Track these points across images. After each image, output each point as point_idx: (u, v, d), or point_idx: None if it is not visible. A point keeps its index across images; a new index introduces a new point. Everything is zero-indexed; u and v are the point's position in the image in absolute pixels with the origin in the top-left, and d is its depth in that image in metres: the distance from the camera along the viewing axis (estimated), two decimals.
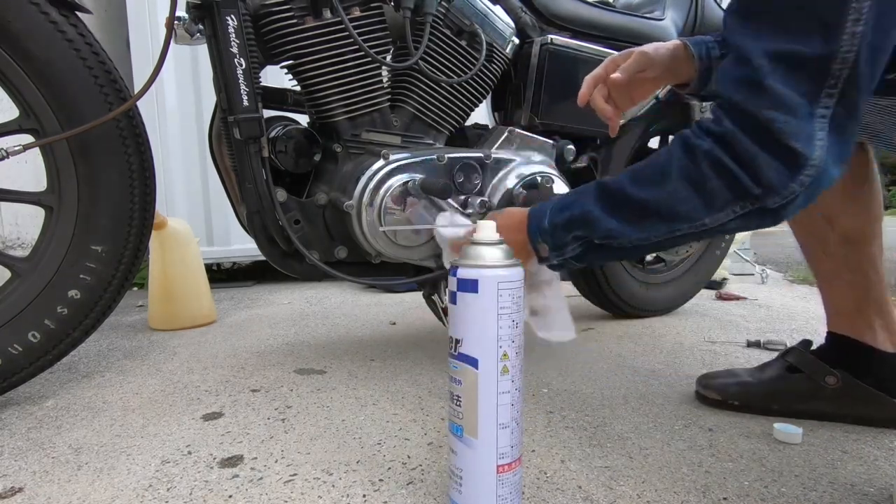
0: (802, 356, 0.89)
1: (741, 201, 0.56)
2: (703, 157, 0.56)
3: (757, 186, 0.54)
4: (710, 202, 0.57)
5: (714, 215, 0.58)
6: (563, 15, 1.21)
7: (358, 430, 0.84)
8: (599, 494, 0.66)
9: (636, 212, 0.61)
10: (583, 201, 0.65)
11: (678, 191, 0.58)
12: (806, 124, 0.51)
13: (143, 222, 1.01)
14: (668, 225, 0.60)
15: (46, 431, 0.86)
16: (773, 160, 0.53)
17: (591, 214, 0.64)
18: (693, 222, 0.59)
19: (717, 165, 0.55)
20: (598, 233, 0.64)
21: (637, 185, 0.61)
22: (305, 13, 0.95)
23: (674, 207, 0.59)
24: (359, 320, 1.66)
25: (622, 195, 0.62)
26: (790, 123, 0.51)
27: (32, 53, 0.88)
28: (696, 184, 0.57)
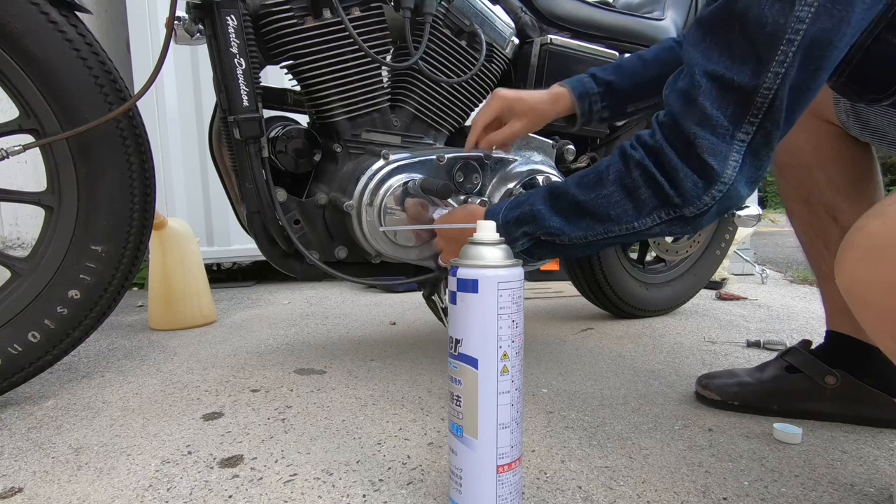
0: (802, 356, 0.89)
1: (665, 208, 0.62)
2: (636, 166, 0.62)
3: (677, 196, 0.61)
4: (639, 208, 0.63)
5: (642, 220, 0.64)
6: (562, 15, 1.21)
7: (358, 430, 0.84)
8: (599, 494, 0.66)
9: (575, 211, 0.68)
10: (533, 200, 0.71)
11: (612, 194, 0.64)
12: (724, 145, 0.57)
13: (143, 222, 1.01)
14: (602, 226, 0.66)
15: (46, 431, 0.86)
16: (692, 173, 0.59)
17: (539, 212, 0.70)
18: (623, 225, 0.65)
19: (646, 175, 0.62)
20: (542, 229, 0.70)
21: (579, 187, 0.68)
22: (305, 13, 0.95)
23: (607, 210, 0.65)
24: (359, 320, 1.66)
25: (565, 195, 0.69)
26: (710, 141, 0.57)
27: (32, 53, 0.88)
28: (628, 190, 0.63)
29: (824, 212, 0.87)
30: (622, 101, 0.95)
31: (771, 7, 0.54)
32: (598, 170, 0.66)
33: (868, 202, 0.85)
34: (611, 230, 0.66)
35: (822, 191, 0.86)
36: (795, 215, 0.92)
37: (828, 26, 0.53)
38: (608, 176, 0.65)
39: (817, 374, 0.86)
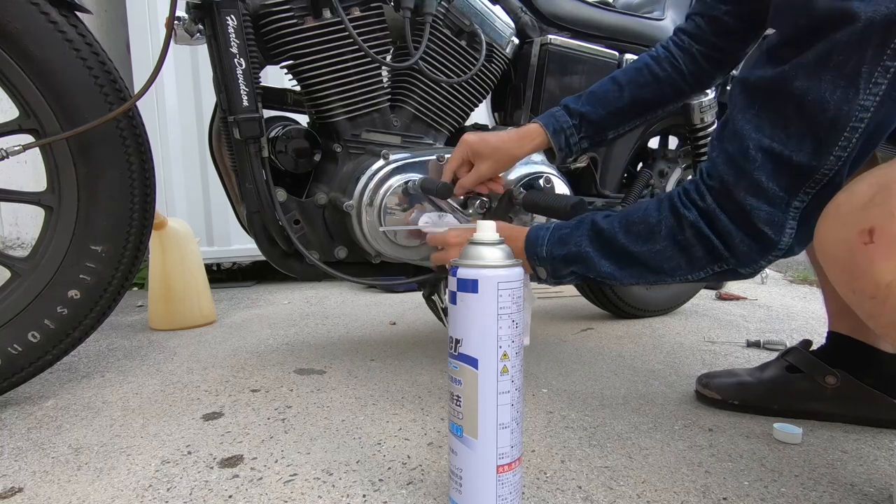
0: (802, 356, 0.89)
1: (718, 263, 0.63)
2: (689, 226, 0.63)
3: (732, 258, 0.62)
4: (692, 263, 0.65)
5: (695, 273, 0.66)
6: (562, 15, 1.21)
7: (358, 430, 0.84)
8: (599, 494, 0.66)
9: (627, 260, 0.68)
10: (579, 240, 0.71)
11: (665, 250, 0.65)
12: (781, 215, 0.58)
13: (143, 222, 1.01)
14: (655, 276, 0.68)
15: (46, 431, 0.86)
16: (747, 238, 0.60)
17: (588, 255, 0.70)
18: (676, 276, 0.67)
19: (700, 235, 0.63)
20: (592, 272, 0.71)
21: (629, 236, 0.68)
22: (305, 13, 0.95)
23: (661, 264, 0.66)
24: (359, 320, 1.66)
25: (615, 243, 0.69)
26: (766, 211, 0.58)
27: (32, 53, 0.88)
28: (682, 247, 0.64)
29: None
30: (600, 130, 0.93)
31: (832, 93, 0.53)
32: (648, 222, 0.66)
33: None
34: (663, 279, 0.68)
35: None
36: None
37: (892, 111, 0.53)
38: (660, 231, 0.65)
39: (818, 374, 0.86)
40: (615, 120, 0.93)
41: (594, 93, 0.93)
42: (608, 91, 0.92)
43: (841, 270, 0.53)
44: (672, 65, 0.89)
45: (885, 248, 0.49)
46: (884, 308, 0.50)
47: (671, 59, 0.89)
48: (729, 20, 0.82)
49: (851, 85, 0.52)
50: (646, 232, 0.66)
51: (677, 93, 0.90)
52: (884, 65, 0.51)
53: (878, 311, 0.51)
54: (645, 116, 0.93)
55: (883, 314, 0.51)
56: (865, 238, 0.50)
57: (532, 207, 0.99)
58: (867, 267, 0.50)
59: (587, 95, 0.93)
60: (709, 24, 0.84)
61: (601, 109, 0.91)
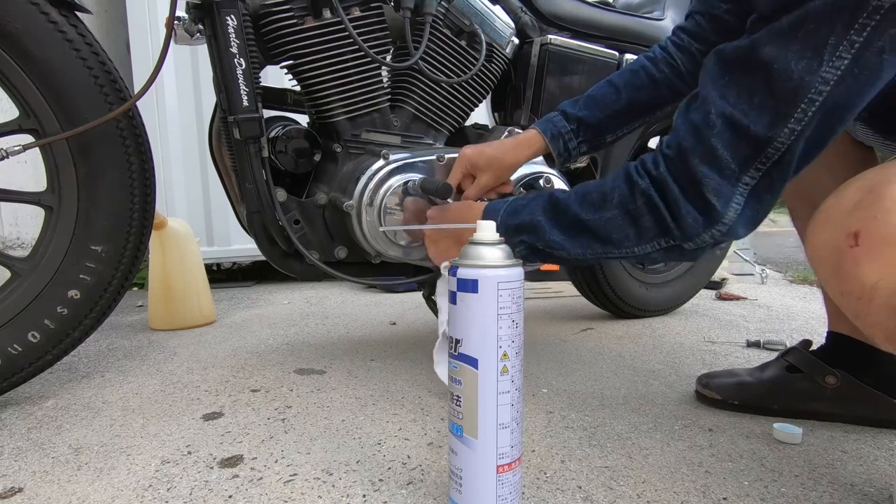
0: (802, 356, 0.89)
1: (664, 237, 0.64)
2: (640, 194, 0.63)
3: (677, 229, 0.62)
4: (640, 234, 0.65)
5: (642, 246, 0.65)
6: (562, 15, 1.21)
7: (358, 430, 0.84)
8: (599, 494, 0.66)
9: (577, 229, 0.68)
10: (533, 209, 0.72)
11: (615, 218, 0.65)
12: (729, 186, 0.58)
13: (143, 222, 1.01)
14: (602, 246, 0.67)
15: (46, 431, 0.86)
16: (694, 210, 0.60)
17: (539, 224, 0.70)
18: (623, 248, 0.66)
19: (650, 205, 0.63)
20: (541, 241, 0.71)
21: (582, 205, 0.68)
22: (305, 13, 0.95)
23: (610, 233, 0.66)
24: (359, 320, 1.66)
25: (567, 211, 0.69)
26: (716, 181, 0.58)
27: (32, 53, 0.88)
28: (631, 216, 0.64)
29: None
30: (598, 134, 0.93)
31: (798, 62, 0.53)
32: (603, 190, 0.67)
33: None
34: (610, 251, 0.67)
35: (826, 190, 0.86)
36: (797, 214, 0.92)
37: (852, 90, 0.53)
38: (612, 199, 0.65)
39: (818, 374, 0.86)
40: (613, 123, 0.92)
41: (591, 96, 0.93)
42: (605, 94, 0.92)
43: (829, 273, 0.54)
44: (670, 65, 0.89)
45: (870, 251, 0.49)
46: (869, 308, 0.51)
47: (669, 59, 0.89)
48: (729, 18, 0.82)
49: (816, 56, 0.52)
50: (599, 200, 0.66)
51: (675, 94, 0.90)
52: (849, 39, 0.51)
53: (864, 312, 0.52)
54: (643, 119, 0.93)
55: (869, 314, 0.51)
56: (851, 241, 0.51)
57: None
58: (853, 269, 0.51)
59: (584, 99, 0.93)
60: (709, 22, 0.84)
61: (599, 113, 0.91)
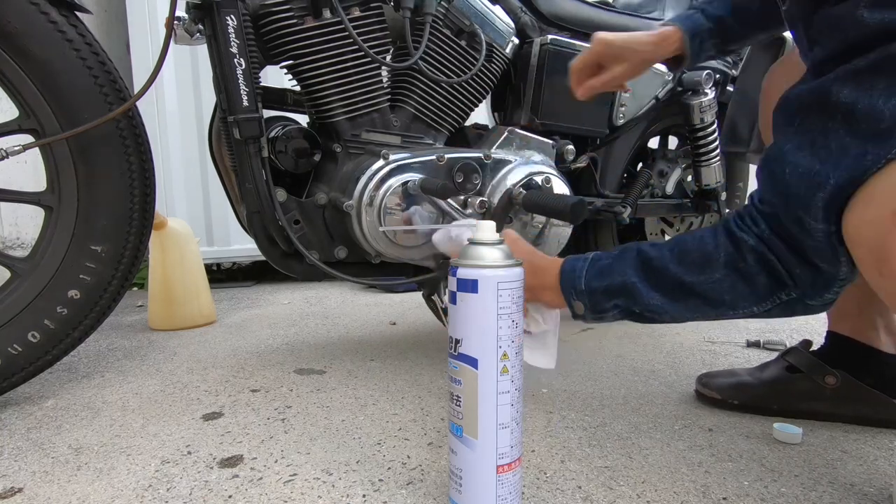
0: (802, 356, 0.89)
1: (784, 290, 0.59)
2: (750, 251, 0.58)
3: (796, 287, 0.57)
4: (756, 292, 0.59)
5: (761, 304, 0.60)
6: (562, 15, 1.21)
7: (358, 430, 0.84)
8: (599, 494, 0.66)
9: (681, 292, 0.62)
10: (622, 269, 0.65)
11: (725, 279, 0.60)
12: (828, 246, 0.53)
13: (143, 222, 1.01)
14: (715, 309, 0.62)
15: (46, 431, 0.86)
16: (807, 269, 0.56)
17: (634, 287, 0.64)
18: (740, 309, 0.61)
19: (763, 261, 0.58)
20: (639, 305, 0.65)
21: (682, 265, 0.62)
22: (305, 13, 0.95)
23: (722, 295, 0.61)
24: (359, 320, 1.66)
25: (667, 274, 0.63)
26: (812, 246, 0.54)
27: (32, 53, 0.88)
28: (744, 276, 0.59)
29: None
30: (729, 39, 0.86)
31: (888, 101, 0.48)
32: (704, 249, 0.61)
33: None
34: (725, 313, 0.62)
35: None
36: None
37: None
38: (718, 259, 0.60)
39: (818, 374, 0.86)
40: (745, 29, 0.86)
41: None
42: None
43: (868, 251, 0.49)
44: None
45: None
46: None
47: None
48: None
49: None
50: (702, 260, 0.61)
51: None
52: None
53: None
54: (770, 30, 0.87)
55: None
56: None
57: (532, 207, 0.99)
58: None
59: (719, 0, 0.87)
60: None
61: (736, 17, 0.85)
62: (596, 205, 1.30)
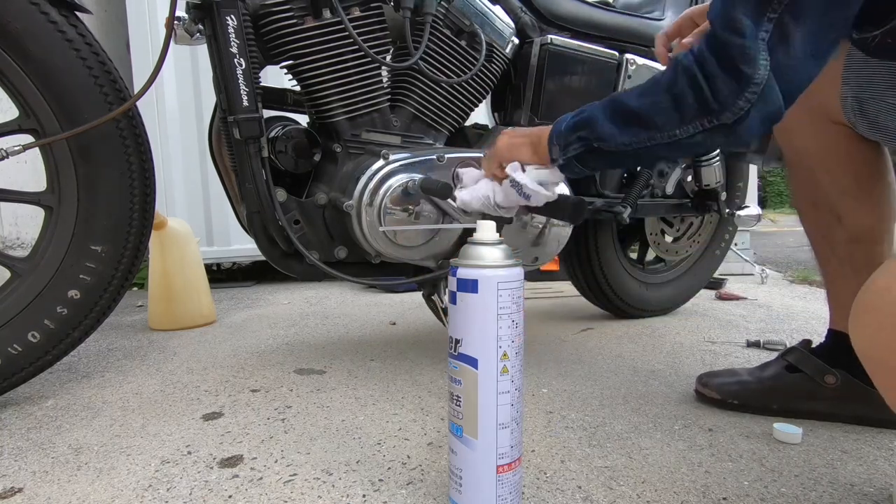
0: (802, 356, 0.89)
1: (706, 116, 0.62)
2: (683, 71, 0.62)
3: (715, 102, 0.60)
4: (683, 115, 0.64)
5: (684, 127, 0.64)
6: (562, 15, 1.21)
7: (358, 430, 0.84)
8: (599, 494, 0.66)
9: (627, 118, 0.68)
10: (593, 108, 0.72)
11: (661, 101, 0.65)
12: (751, 45, 0.57)
13: (143, 222, 1.01)
14: (647, 132, 0.67)
15: (46, 431, 0.86)
16: (727, 77, 0.59)
17: (595, 119, 0.71)
18: (666, 132, 0.65)
19: (692, 81, 0.62)
20: (595, 134, 0.71)
21: (634, 95, 0.68)
22: (305, 13, 0.95)
23: (654, 117, 0.66)
24: (358, 320, 1.66)
25: (622, 103, 0.69)
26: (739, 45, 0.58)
27: (32, 53, 0.88)
28: (675, 97, 0.64)
29: (829, 213, 0.87)
30: None
31: None
32: (656, 78, 0.67)
33: (874, 205, 0.84)
34: (654, 137, 0.67)
35: (826, 192, 0.87)
36: (804, 215, 0.92)
37: None
38: (661, 84, 0.65)
39: (817, 374, 0.86)
40: None
41: None
42: None
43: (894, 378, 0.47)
44: None
45: None
46: None
47: None
48: None
49: None
50: (650, 87, 0.67)
51: None
52: None
53: None
54: None
55: None
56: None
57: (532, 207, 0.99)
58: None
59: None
60: None
61: None
62: (596, 205, 1.30)
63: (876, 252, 0.85)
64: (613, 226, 1.51)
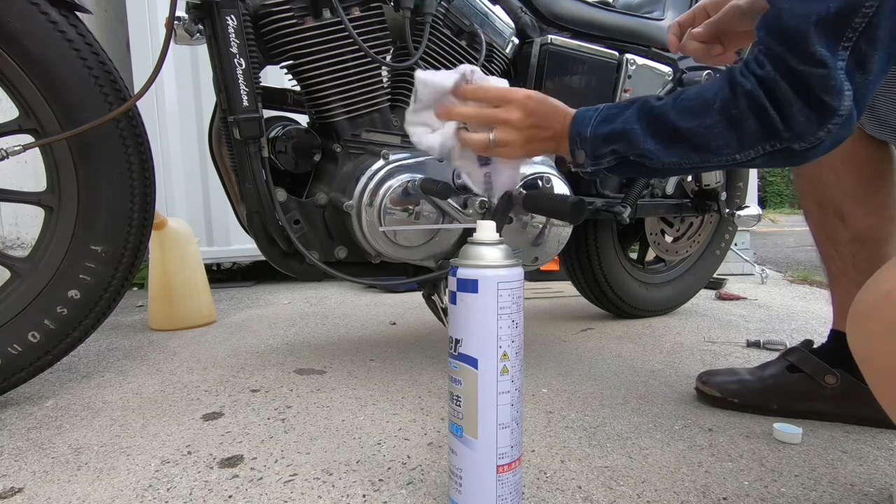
0: (803, 356, 0.89)
1: (771, 140, 0.59)
2: (745, 95, 0.58)
3: (786, 130, 0.57)
4: (742, 140, 0.60)
5: (744, 152, 0.61)
6: (562, 15, 1.21)
7: (358, 430, 0.84)
8: (599, 494, 0.66)
9: (673, 137, 0.64)
10: (627, 118, 0.68)
11: (716, 125, 0.61)
12: (836, 76, 0.54)
13: (143, 222, 1.01)
14: (699, 155, 0.64)
15: (46, 431, 0.86)
16: (806, 109, 0.56)
17: (633, 133, 0.66)
18: (723, 157, 0.62)
19: (756, 106, 0.58)
20: (634, 151, 0.67)
21: (679, 112, 0.64)
22: (305, 13, 0.95)
23: (709, 141, 0.62)
24: (359, 320, 1.66)
25: (664, 120, 0.65)
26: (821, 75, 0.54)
27: (32, 53, 0.88)
28: (734, 121, 0.60)
29: (833, 213, 0.87)
30: None
31: None
32: (704, 97, 0.63)
33: (878, 206, 0.84)
34: (708, 160, 0.64)
35: (832, 192, 0.87)
36: (809, 215, 0.92)
37: None
38: (713, 105, 0.61)
39: (818, 374, 0.86)
40: None
41: None
42: None
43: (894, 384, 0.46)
44: None
45: None
46: None
47: None
48: None
49: None
50: (699, 107, 0.62)
51: None
52: None
53: None
54: None
55: None
56: None
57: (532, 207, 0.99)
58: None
59: None
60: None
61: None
62: (596, 205, 1.30)
63: (880, 253, 0.84)
64: (613, 226, 1.51)
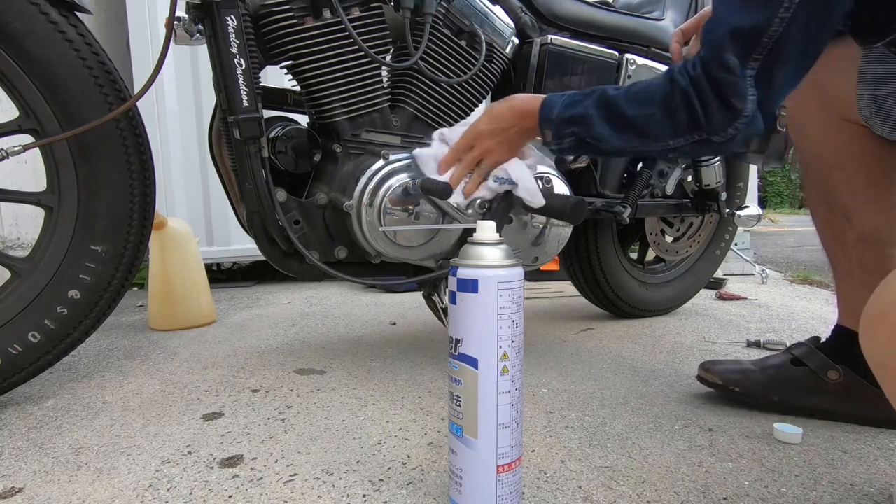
0: (808, 350, 0.89)
1: (696, 131, 0.69)
2: (679, 92, 0.68)
3: (707, 125, 0.68)
4: (676, 129, 0.70)
5: (676, 139, 0.71)
6: (562, 15, 1.21)
7: (358, 430, 0.84)
8: (599, 494, 0.66)
9: (622, 123, 0.74)
10: (587, 104, 0.76)
11: (656, 114, 0.71)
12: (741, 84, 0.64)
13: (143, 222, 1.01)
14: (641, 140, 0.73)
15: (46, 431, 0.86)
16: (720, 108, 0.66)
17: (591, 117, 0.76)
18: (659, 142, 0.72)
19: (687, 102, 0.68)
20: (590, 133, 0.76)
21: (629, 101, 0.73)
22: (305, 13, 0.95)
23: (649, 127, 0.72)
24: (359, 320, 1.66)
25: (617, 107, 0.74)
26: (730, 83, 0.64)
27: (32, 53, 0.88)
28: (670, 112, 0.70)
29: (841, 214, 0.87)
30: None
31: None
32: (650, 89, 0.72)
33: (884, 207, 0.84)
34: (648, 145, 0.73)
35: (839, 192, 0.87)
36: (816, 214, 0.93)
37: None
38: (656, 96, 0.70)
39: (820, 369, 0.86)
40: None
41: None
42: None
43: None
44: None
45: None
46: None
47: None
48: None
49: None
50: (645, 97, 0.72)
51: None
52: None
53: None
54: None
55: None
56: None
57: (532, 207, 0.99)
58: None
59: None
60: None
61: None
62: (596, 205, 1.30)
63: (887, 254, 0.85)
64: (613, 226, 1.51)
